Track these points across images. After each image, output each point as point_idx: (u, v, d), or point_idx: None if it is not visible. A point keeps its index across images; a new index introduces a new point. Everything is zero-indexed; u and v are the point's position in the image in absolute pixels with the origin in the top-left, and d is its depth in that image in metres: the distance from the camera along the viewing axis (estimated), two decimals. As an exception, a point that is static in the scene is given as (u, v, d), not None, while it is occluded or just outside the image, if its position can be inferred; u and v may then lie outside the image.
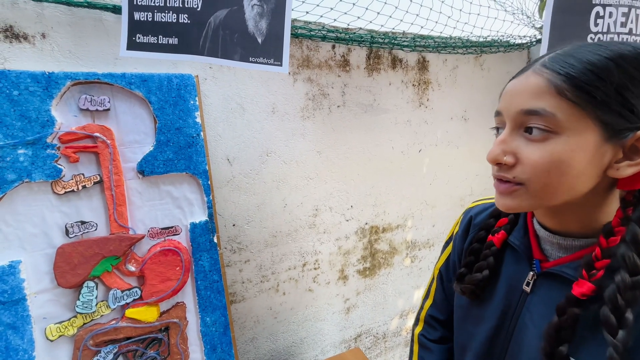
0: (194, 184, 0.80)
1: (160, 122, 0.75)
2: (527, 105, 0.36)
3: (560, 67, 0.35)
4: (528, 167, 0.36)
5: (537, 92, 0.35)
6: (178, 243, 0.78)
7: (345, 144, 1.10)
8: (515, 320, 0.45)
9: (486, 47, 1.29)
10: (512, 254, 0.48)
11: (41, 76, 0.66)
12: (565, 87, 0.34)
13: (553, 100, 0.34)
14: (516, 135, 0.38)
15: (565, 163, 0.35)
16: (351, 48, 1.04)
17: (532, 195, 0.37)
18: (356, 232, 1.20)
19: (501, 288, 0.47)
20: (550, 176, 0.35)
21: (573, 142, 0.34)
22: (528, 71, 0.37)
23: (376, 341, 1.37)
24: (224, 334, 0.82)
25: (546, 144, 0.35)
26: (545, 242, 0.44)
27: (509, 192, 0.39)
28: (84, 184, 0.70)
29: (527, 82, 0.37)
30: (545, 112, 0.35)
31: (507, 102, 0.38)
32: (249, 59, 0.69)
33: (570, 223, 0.41)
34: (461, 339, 0.54)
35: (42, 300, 0.68)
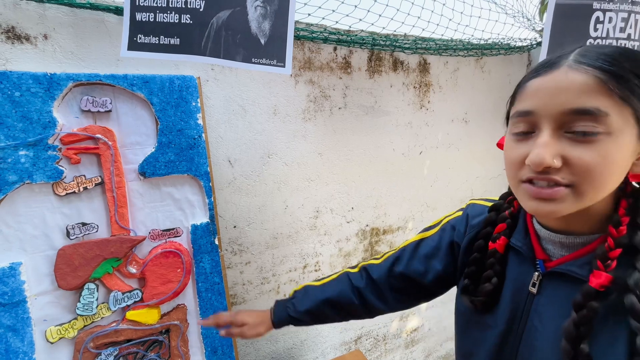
0: (196, 185, 0.80)
1: (161, 123, 0.75)
2: (576, 104, 0.33)
3: (602, 63, 0.33)
4: (581, 170, 0.34)
5: (586, 89, 0.33)
6: (179, 245, 0.78)
7: (346, 145, 1.10)
8: (524, 323, 0.44)
9: (487, 50, 1.29)
10: (514, 257, 0.47)
11: (43, 77, 0.66)
12: (615, 85, 0.33)
13: (605, 99, 0.33)
14: (558, 136, 0.35)
15: (614, 164, 0.34)
16: (353, 50, 1.05)
17: (580, 197, 0.35)
18: (357, 234, 1.20)
19: (507, 292, 0.46)
20: (602, 177, 0.34)
21: (621, 141, 0.34)
22: (561, 68, 0.35)
23: (376, 343, 1.37)
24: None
25: (597, 144, 0.33)
26: (547, 242, 0.44)
27: (553, 198, 0.36)
28: (85, 185, 0.70)
29: (569, 79, 0.34)
30: (600, 111, 0.33)
31: (545, 102, 0.35)
32: (251, 60, 0.69)
33: (577, 221, 0.40)
34: (466, 345, 0.53)
35: (43, 302, 0.67)
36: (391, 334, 1.39)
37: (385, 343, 1.39)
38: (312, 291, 0.67)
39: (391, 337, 1.40)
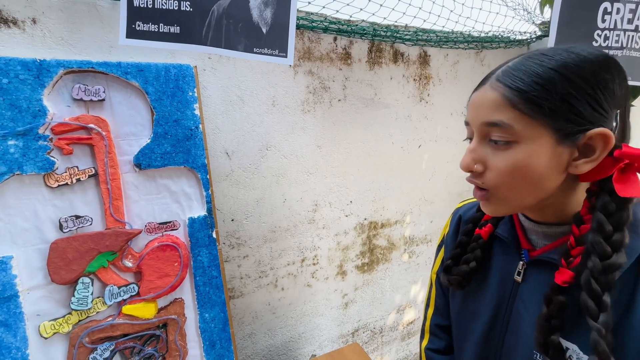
0: (193, 178, 0.78)
1: (157, 113, 0.72)
2: (488, 118, 0.39)
3: (511, 82, 0.37)
4: (495, 174, 0.39)
5: (495, 105, 0.38)
6: (176, 238, 0.76)
7: (345, 138, 1.08)
8: (510, 310, 0.47)
9: (487, 43, 1.28)
10: (500, 247, 0.50)
11: (32, 63, 0.63)
12: (517, 101, 0.37)
13: (509, 112, 0.37)
14: (484, 144, 0.41)
15: (526, 167, 0.38)
16: (353, 41, 1.03)
17: (502, 200, 0.40)
18: (355, 227, 1.19)
19: (493, 281, 0.49)
20: (514, 181, 0.38)
21: (530, 148, 0.37)
22: (486, 85, 0.40)
23: (373, 336, 1.38)
24: (223, 330, 0.81)
25: (508, 152, 0.38)
26: (531, 232, 0.46)
27: (485, 198, 0.42)
28: (78, 177, 0.68)
29: (485, 96, 0.39)
30: (504, 124, 0.38)
31: (472, 115, 0.41)
32: (253, 49, 0.67)
33: (548, 215, 0.43)
34: (459, 335, 0.55)
35: (36, 296, 0.65)
36: (388, 327, 1.40)
37: (382, 335, 1.40)
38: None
39: (388, 330, 1.41)
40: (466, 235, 0.53)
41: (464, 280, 0.50)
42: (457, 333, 0.56)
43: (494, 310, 0.48)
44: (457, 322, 0.56)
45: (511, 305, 0.46)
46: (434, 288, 0.64)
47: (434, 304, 0.64)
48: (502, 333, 0.47)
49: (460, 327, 0.54)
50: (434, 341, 0.64)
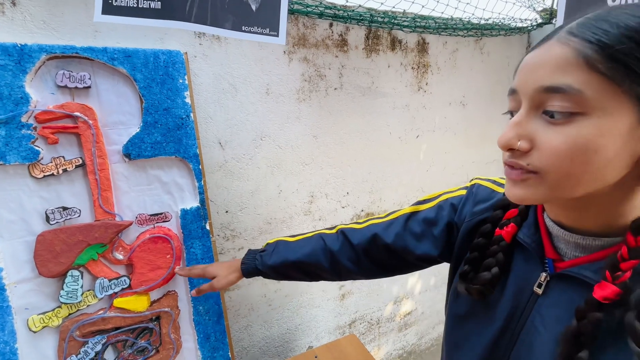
0: (184, 168, 0.76)
1: (146, 101, 0.70)
2: (549, 82, 0.30)
3: (591, 34, 0.29)
4: (547, 154, 0.31)
5: (562, 65, 0.29)
6: (168, 230, 0.75)
7: (342, 128, 1.06)
8: (523, 322, 0.41)
9: (487, 30, 1.25)
10: (521, 251, 0.43)
11: (12, 48, 0.60)
12: (597, 58, 0.28)
13: (581, 74, 0.29)
14: (533, 117, 0.32)
15: (592, 150, 0.29)
16: (349, 27, 1.00)
17: (549, 186, 0.32)
18: (352, 219, 1.18)
19: (510, 288, 0.43)
20: (573, 165, 0.30)
21: (603, 124, 0.29)
22: (552, 40, 0.31)
23: (370, 327, 1.38)
24: (217, 322, 0.80)
25: (570, 126, 0.30)
26: (559, 240, 0.39)
27: (522, 180, 0.33)
28: (65, 167, 0.65)
29: (550, 53, 0.31)
30: (571, 88, 0.29)
31: (525, 78, 0.33)
32: (241, 27, 0.63)
33: (589, 219, 0.35)
34: (456, 336, 0.50)
35: (23, 290, 0.64)
36: (385, 318, 1.40)
37: (379, 327, 1.40)
38: (283, 248, 0.65)
39: (385, 321, 1.41)
40: (484, 237, 0.46)
41: (486, 289, 0.43)
42: (457, 334, 0.50)
43: (506, 320, 0.42)
44: (459, 326, 0.50)
45: (525, 318, 0.41)
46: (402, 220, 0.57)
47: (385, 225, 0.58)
48: (511, 344, 0.42)
49: (463, 331, 0.49)
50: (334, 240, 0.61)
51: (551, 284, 0.39)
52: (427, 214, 0.55)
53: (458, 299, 0.50)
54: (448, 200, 0.54)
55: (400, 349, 1.52)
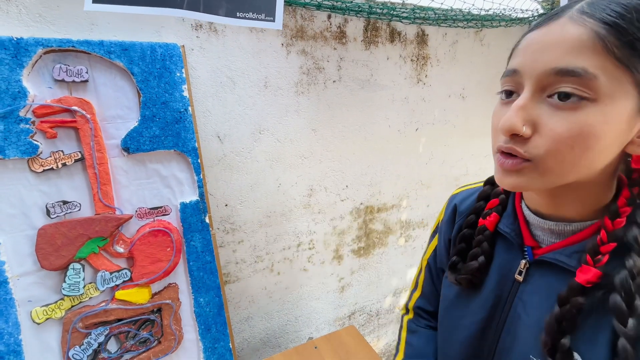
0: (183, 162, 0.76)
1: (144, 95, 0.70)
2: (563, 63, 0.28)
3: (607, 16, 0.27)
4: (549, 141, 0.30)
5: (578, 46, 0.28)
6: (168, 223, 0.75)
7: (341, 121, 1.06)
8: (507, 310, 0.42)
9: (487, 21, 1.23)
10: (502, 241, 0.45)
11: (8, 42, 0.60)
12: (615, 42, 0.27)
13: (598, 58, 0.27)
14: (538, 101, 0.31)
15: (595, 137, 0.29)
16: (348, 19, 0.99)
17: (544, 173, 0.32)
18: (351, 212, 1.19)
19: (492, 277, 0.44)
20: (572, 152, 0.30)
21: (609, 111, 0.28)
22: (562, 18, 0.30)
23: (369, 318, 1.39)
24: (218, 314, 0.81)
25: (578, 112, 0.29)
26: (536, 228, 0.41)
27: (517, 170, 0.33)
28: (64, 161, 0.66)
29: (564, 32, 0.29)
30: (587, 73, 0.28)
31: (532, 58, 0.31)
32: (236, 14, 0.62)
33: (567, 205, 0.36)
34: (448, 329, 0.51)
35: (26, 282, 0.65)
36: (384, 310, 1.42)
37: (379, 318, 1.42)
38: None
39: (384, 313, 1.43)
40: (470, 227, 0.48)
41: (475, 278, 0.45)
42: (446, 324, 0.52)
43: (491, 309, 0.44)
44: (447, 314, 0.52)
45: (509, 306, 0.42)
46: (423, 274, 0.62)
47: (421, 288, 0.62)
48: (498, 333, 0.43)
49: (451, 320, 0.50)
50: (418, 319, 0.62)
51: (530, 271, 0.40)
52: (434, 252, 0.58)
53: (447, 290, 0.51)
54: (439, 226, 0.57)
55: (399, 340, 1.54)
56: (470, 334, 0.46)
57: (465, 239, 0.48)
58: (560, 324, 0.35)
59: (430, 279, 0.60)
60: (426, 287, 0.61)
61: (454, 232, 0.52)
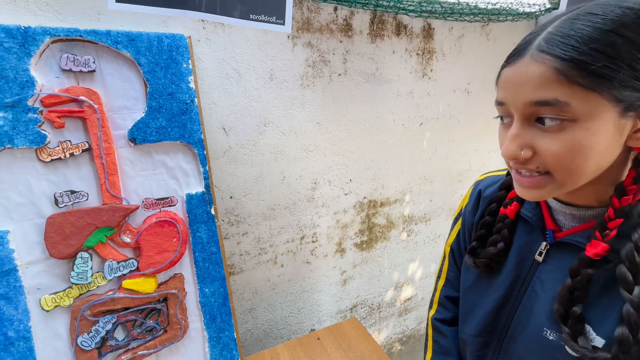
0: (189, 153, 0.77)
1: (151, 86, 0.70)
2: (536, 97, 0.33)
3: (562, 52, 0.31)
4: (549, 159, 0.35)
5: (544, 81, 0.32)
6: (174, 214, 0.76)
7: (345, 115, 1.06)
8: (525, 288, 0.45)
9: (494, 16, 1.22)
10: (524, 226, 0.48)
11: (16, 31, 0.60)
12: (575, 73, 0.31)
13: (564, 88, 0.32)
14: (528, 126, 0.36)
15: (587, 147, 0.33)
16: (354, 11, 0.98)
17: (560, 184, 0.36)
18: (354, 206, 1.19)
19: (511, 259, 0.48)
20: (574, 163, 0.34)
21: (592, 125, 0.32)
22: (525, 57, 0.34)
23: (371, 311, 1.41)
24: (223, 304, 0.82)
25: (564, 132, 0.33)
26: (557, 213, 0.44)
27: (535, 186, 0.37)
28: (72, 151, 0.66)
29: (529, 71, 0.33)
30: (558, 101, 0.32)
31: (511, 94, 0.36)
32: (249, 16, 0.64)
33: (587, 195, 0.40)
34: (470, 302, 0.55)
35: (35, 271, 0.65)
36: (386, 303, 1.43)
37: (380, 311, 1.43)
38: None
39: (385, 306, 1.44)
40: (491, 215, 0.51)
41: (493, 262, 0.49)
42: (464, 305, 0.56)
43: (509, 287, 0.47)
44: (467, 295, 0.55)
45: (527, 284, 0.45)
46: (447, 260, 0.64)
47: (445, 276, 0.65)
48: (514, 309, 0.46)
49: (470, 299, 0.54)
50: (442, 311, 0.65)
51: (550, 252, 0.44)
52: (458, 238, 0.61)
53: (467, 272, 0.55)
54: (463, 211, 0.60)
55: (400, 333, 1.56)
56: (487, 310, 0.49)
57: (485, 225, 0.51)
58: (572, 294, 0.38)
59: (454, 265, 0.63)
60: (451, 273, 0.64)
61: (476, 217, 0.55)
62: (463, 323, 0.55)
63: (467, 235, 0.58)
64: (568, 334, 0.38)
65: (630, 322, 0.34)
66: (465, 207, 0.59)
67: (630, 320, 0.33)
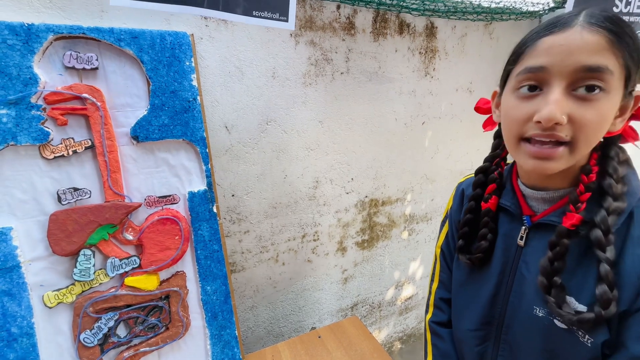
0: (192, 151, 0.77)
1: (153, 84, 0.70)
2: (592, 62, 0.35)
3: (615, 28, 0.35)
4: (580, 127, 0.37)
5: (599, 49, 0.35)
6: (176, 212, 0.76)
7: (347, 114, 1.06)
8: (513, 273, 0.49)
9: (497, 14, 1.22)
10: (505, 216, 0.52)
11: (20, 28, 0.60)
12: (622, 48, 0.35)
13: (612, 58, 0.35)
14: (567, 95, 0.37)
15: (607, 121, 0.37)
16: (357, 9, 0.98)
17: (574, 153, 0.39)
18: (356, 205, 1.19)
19: (498, 249, 0.51)
20: (597, 133, 0.38)
21: (613, 99, 0.37)
22: (575, 27, 0.36)
23: (371, 310, 1.41)
24: (224, 302, 0.82)
25: (598, 102, 0.36)
26: (531, 200, 0.48)
27: (555, 157, 0.39)
28: (75, 148, 0.66)
29: (584, 38, 0.36)
30: (608, 69, 0.35)
31: (560, 58, 0.37)
32: (252, 12, 0.63)
33: (558, 177, 0.44)
34: (462, 303, 0.57)
35: (38, 267, 0.66)
36: (386, 302, 1.44)
37: (380, 310, 1.43)
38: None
39: (386, 305, 1.44)
40: (471, 212, 0.54)
41: (486, 256, 0.52)
42: (459, 302, 0.58)
43: (499, 275, 0.50)
44: (460, 291, 0.57)
45: (515, 269, 0.48)
46: (439, 262, 0.65)
47: (438, 278, 0.66)
48: (507, 296, 0.49)
49: (464, 295, 0.56)
50: (438, 314, 0.66)
51: (530, 235, 0.48)
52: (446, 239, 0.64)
53: (458, 270, 0.58)
54: (449, 214, 0.63)
55: (401, 332, 1.56)
56: (483, 302, 0.52)
57: (468, 223, 0.55)
58: (553, 264, 0.42)
59: (446, 266, 0.65)
60: (443, 274, 0.65)
61: (462, 215, 0.57)
62: (459, 320, 0.57)
63: (455, 235, 0.60)
64: (553, 302, 0.41)
65: (607, 279, 0.37)
66: (451, 208, 0.62)
67: (607, 277, 0.37)
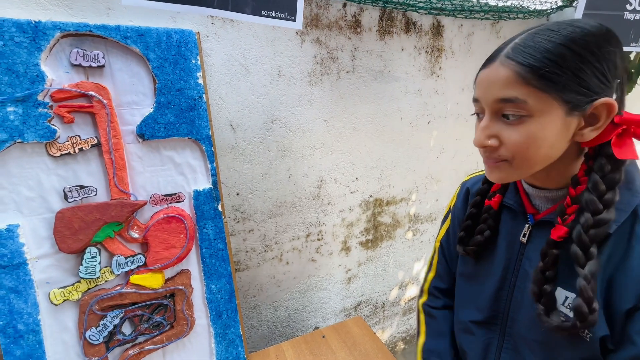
0: (197, 150, 0.76)
1: (159, 82, 0.70)
2: (501, 95, 0.40)
3: (522, 59, 0.39)
4: (510, 147, 0.42)
5: (507, 82, 0.40)
6: (182, 210, 0.76)
7: (353, 113, 1.05)
8: (517, 270, 0.51)
9: (504, 13, 1.21)
10: (508, 214, 0.54)
11: (27, 25, 0.60)
12: (530, 77, 0.38)
13: (522, 88, 0.39)
14: (496, 120, 0.43)
15: (540, 139, 0.40)
16: (363, 8, 0.97)
17: (516, 168, 0.43)
18: (360, 204, 1.19)
19: (501, 245, 0.53)
20: (529, 151, 0.41)
21: (543, 121, 0.40)
22: (495, 62, 0.41)
23: (375, 310, 1.40)
24: (229, 301, 0.82)
25: (522, 126, 0.41)
26: (535, 198, 0.51)
27: (496, 166, 0.44)
28: (81, 146, 0.66)
29: (497, 73, 0.41)
30: (518, 99, 0.39)
31: (483, 92, 0.43)
32: (261, 12, 0.63)
33: (552, 179, 0.47)
34: (465, 297, 0.59)
35: (44, 265, 0.66)
36: (390, 302, 1.43)
37: (384, 310, 1.43)
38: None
39: (390, 305, 1.44)
40: (475, 207, 0.57)
41: (480, 249, 0.55)
42: (464, 293, 0.60)
43: (503, 271, 0.52)
44: (465, 283, 0.59)
45: (518, 265, 0.51)
46: (437, 255, 0.69)
47: (435, 269, 0.69)
48: (511, 291, 0.51)
49: (469, 288, 0.58)
50: (432, 299, 0.70)
51: (533, 232, 0.50)
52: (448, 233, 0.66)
53: (463, 263, 0.60)
54: (452, 210, 0.65)
55: (404, 332, 1.56)
56: (488, 295, 0.54)
57: (471, 216, 0.57)
58: (544, 274, 0.44)
59: (444, 259, 0.67)
60: (440, 267, 0.68)
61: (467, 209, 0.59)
62: (464, 311, 0.59)
63: (457, 231, 0.61)
64: (542, 310, 0.43)
65: (583, 295, 0.39)
66: (454, 205, 0.64)
67: (583, 293, 0.39)
